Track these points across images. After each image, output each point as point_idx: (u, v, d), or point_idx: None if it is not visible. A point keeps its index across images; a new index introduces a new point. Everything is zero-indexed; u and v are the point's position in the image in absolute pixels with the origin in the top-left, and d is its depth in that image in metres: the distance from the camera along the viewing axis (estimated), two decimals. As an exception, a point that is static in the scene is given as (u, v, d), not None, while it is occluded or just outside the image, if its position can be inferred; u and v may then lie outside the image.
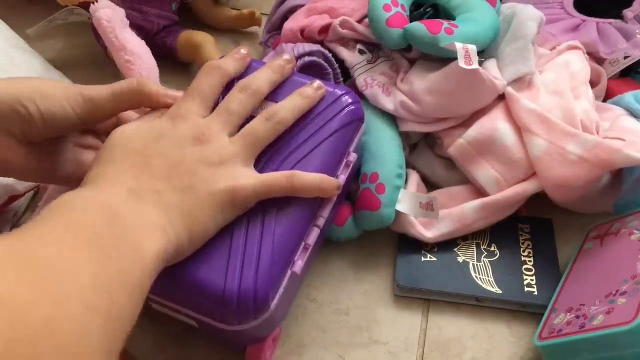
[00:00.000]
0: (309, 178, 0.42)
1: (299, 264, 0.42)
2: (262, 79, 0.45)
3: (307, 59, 0.55)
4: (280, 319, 0.46)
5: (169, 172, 0.38)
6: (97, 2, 0.57)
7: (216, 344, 0.48)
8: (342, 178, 0.45)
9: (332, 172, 0.44)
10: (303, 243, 0.43)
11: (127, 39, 0.57)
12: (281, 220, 0.41)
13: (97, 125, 0.45)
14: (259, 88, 0.44)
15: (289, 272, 0.41)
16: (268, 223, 0.41)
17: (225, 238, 0.40)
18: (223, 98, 0.44)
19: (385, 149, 0.52)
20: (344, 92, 0.47)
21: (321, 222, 0.44)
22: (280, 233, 0.41)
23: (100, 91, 0.42)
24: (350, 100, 0.46)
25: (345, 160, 0.46)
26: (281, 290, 0.41)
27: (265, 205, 0.41)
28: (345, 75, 0.59)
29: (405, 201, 0.50)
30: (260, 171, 0.42)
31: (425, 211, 0.50)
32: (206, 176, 0.39)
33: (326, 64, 0.56)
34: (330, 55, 0.57)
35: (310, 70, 0.56)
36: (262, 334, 0.44)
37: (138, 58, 0.57)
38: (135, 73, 0.56)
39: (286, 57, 0.47)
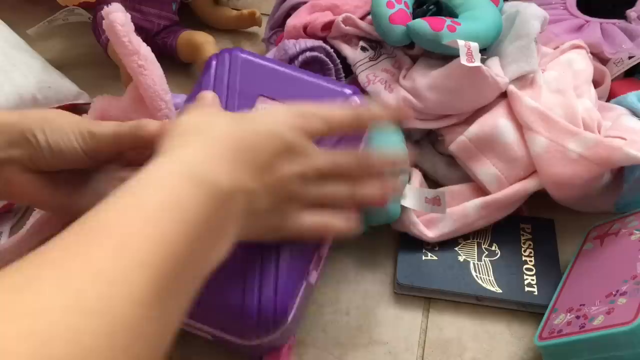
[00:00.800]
0: None
1: (314, 274, 0.42)
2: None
3: (308, 54, 0.55)
4: (295, 327, 0.46)
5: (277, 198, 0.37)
6: (104, 3, 0.57)
7: (217, 346, 0.48)
8: None
9: None
10: (317, 253, 0.43)
11: (139, 44, 0.57)
12: None
13: (100, 160, 0.43)
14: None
15: (304, 282, 0.41)
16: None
17: (241, 254, 0.39)
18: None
19: (388, 143, 0.52)
20: (351, 92, 0.46)
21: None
22: (297, 247, 0.40)
23: (104, 129, 0.41)
24: (358, 102, 0.46)
25: None
26: (297, 301, 0.41)
27: None
28: (347, 71, 0.59)
29: (411, 196, 0.50)
30: None
31: (431, 206, 0.49)
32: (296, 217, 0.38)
33: (328, 60, 0.56)
34: (332, 50, 0.57)
35: (312, 65, 0.56)
36: (278, 344, 0.44)
37: (151, 63, 0.57)
38: (148, 79, 0.55)
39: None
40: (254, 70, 0.45)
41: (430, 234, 0.51)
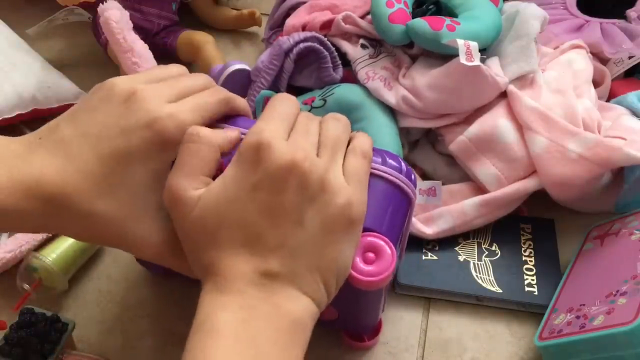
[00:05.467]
0: None
1: None
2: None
3: (302, 45, 0.55)
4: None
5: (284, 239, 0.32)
6: (103, 2, 0.57)
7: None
8: None
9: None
10: None
11: (134, 41, 0.57)
12: None
13: None
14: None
15: None
16: None
17: None
18: None
19: (384, 137, 0.52)
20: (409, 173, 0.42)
21: None
22: None
23: None
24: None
25: None
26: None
27: None
28: (343, 60, 0.59)
29: None
30: None
31: (426, 197, 0.49)
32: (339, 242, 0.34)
33: (322, 48, 0.56)
34: (325, 39, 0.57)
35: (308, 57, 0.56)
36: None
37: (145, 61, 0.57)
38: None
39: None
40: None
41: (428, 230, 0.51)
